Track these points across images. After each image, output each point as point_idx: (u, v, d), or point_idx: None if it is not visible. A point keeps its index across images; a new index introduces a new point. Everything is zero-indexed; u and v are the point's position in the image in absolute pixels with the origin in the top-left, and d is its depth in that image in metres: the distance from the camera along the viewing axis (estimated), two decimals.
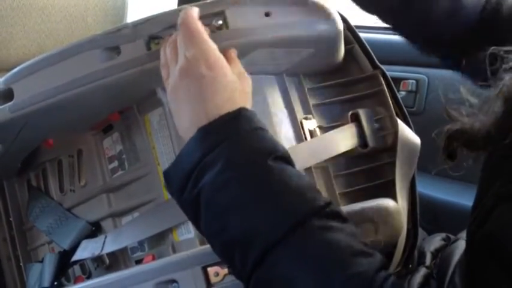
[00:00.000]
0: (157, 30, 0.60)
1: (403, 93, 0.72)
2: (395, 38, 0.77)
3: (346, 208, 0.62)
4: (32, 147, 0.75)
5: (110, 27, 0.62)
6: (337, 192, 0.68)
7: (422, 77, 1.19)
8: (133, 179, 0.69)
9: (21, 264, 0.84)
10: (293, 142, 0.67)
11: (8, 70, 0.69)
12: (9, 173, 0.82)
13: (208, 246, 0.59)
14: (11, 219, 0.85)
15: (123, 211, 0.70)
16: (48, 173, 0.79)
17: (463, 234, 0.74)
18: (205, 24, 0.60)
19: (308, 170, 0.66)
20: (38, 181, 0.82)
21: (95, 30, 0.61)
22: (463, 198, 1.06)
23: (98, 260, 0.71)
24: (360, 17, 0.67)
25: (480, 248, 0.49)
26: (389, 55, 0.79)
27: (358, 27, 0.73)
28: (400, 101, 0.72)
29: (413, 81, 1.20)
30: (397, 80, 0.73)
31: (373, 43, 0.73)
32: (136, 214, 0.69)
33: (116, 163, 0.71)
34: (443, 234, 0.78)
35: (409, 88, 1.20)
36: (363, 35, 0.73)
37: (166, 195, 0.65)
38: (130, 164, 0.69)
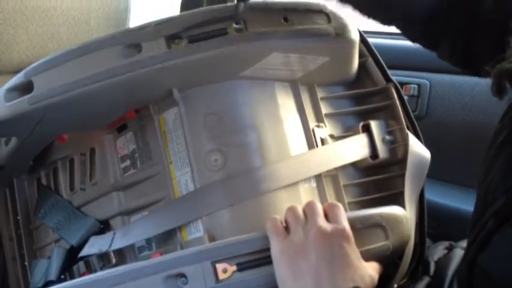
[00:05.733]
0: (178, 30, 0.62)
1: (405, 97, 0.74)
2: (397, 42, 0.79)
3: (354, 213, 0.62)
4: (46, 143, 0.76)
5: (113, 30, 0.64)
6: (346, 201, 0.68)
7: (424, 81, 1.21)
8: (145, 178, 0.69)
9: (26, 263, 0.84)
10: (304, 148, 0.68)
11: (11, 73, 0.71)
12: (21, 170, 0.83)
13: (218, 242, 0.60)
14: (18, 217, 0.85)
15: (132, 209, 0.70)
16: (59, 172, 0.80)
17: (462, 243, 0.74)
18: (225, 27, 0.63)
19: (318, 177, 0.67)
20: (48, 180, 0.82)
21: (97, 33, 0.63)
22: (467, 204, 1.06)
23: (104, 259, 0.71)
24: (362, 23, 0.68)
25: (480, 273, 0.51)
26: (391, 60, 0.81)
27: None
28: (411, 114, 0.73)
29: (415, 85, 1.21)
30: (400, 85, 0.74)
31: (376, 48, 0.75)
32: (145, 213, 0.69)
33: (128, 162, 0.71)
34: (447, 243, 0.79)
35: (411, 93, 1.21)
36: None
37: (177, 193, 0.66)
38: (142, 162, 0.70)
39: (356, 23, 0.69)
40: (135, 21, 1.18)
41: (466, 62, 0.64)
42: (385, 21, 0.65)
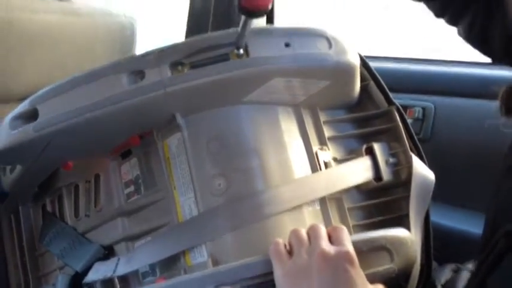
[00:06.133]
0: (181, 57, 0.63)
1: (409, 121, 0.74)
2: (401, 66, 0.79)
3: (359, 236, 0.62)
4: (51, 170, 0.76)
5: (118, 57, 0.65)
6: (351, 224, 0.68)
7: (429, 104, 1.21)
8: (149, 203, 0.70)
9: None
10: (308, 171, 0.68)
11: (18, 100, 0.72)
12: (26, 197, 0.83)
13: (222, 266, 0.60)
14: (23, 244, 0.85)
15: (136, 235, 0.70)
16: (64, 199, 0.80)
17: (469, 265, 0.73)
18: (226, 52, 0.64)
19: (322, 200, 0.67)
20: (53, 206, 0.82)
21: (103, 60, 0.64)
22: (472, 226, 1.05)
23: (108, 285, 0.71)
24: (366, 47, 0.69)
25: None
26: (395, 83, 0.81)
27: (365, 56, 0.75)
28: (415, 136, 0.74)
29: (420, 108, 1.21)
30: (404, 108, 0.75)
31: (379, 71, 0.75)
32: (149, 238, 0.69)
33: (132, 188, 0.72)
34: (453, 265, 0.78)
35: (416, 116, 1.21)
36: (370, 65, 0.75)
37: (181, 217, 0.66)
38: (146, 188, 0.70)
39: (357, 47, 0.70)
40: (140, 48, 1.20)
41: (482, 42, 0.62)
42: None
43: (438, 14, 0.64)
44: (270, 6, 0.59)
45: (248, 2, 0.57)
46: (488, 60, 0.66)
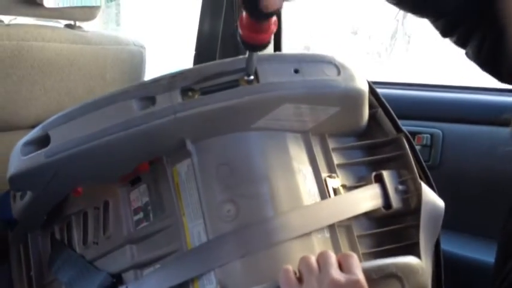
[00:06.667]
0: (191, 82, 0.64)
1: (418, 147, 0.74)
2: (409, 93, 0.80)
3: (369, 263, 0.62)
4: (61, 196, 0.76)
5: (128, 84, 0.65)
6: (360, 252, 0.67)
7: (437, 131, 1.21)
8: (158, 230, 0.69)
9: None
10: (317, 198, 0.68)
11: (29, 127, 0.72)
12: (35, 225, 0.83)
13: None
14: (31, 273, 0.85)
15: (145, 262, 0.70)
16: (73, 226, 0.80)
17: None
18: (236, 79, 0.64)
19: (332, 227, 0.67)
20: (62, 234, 0.82)
21: (113, 88, 0.64)
22: (483, 254, 1.04)
23: None
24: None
25: None
26: (403, 110, 0.81)
27: (373, 82, 0.75)
28: (424, 164, 0.73)
29: (428, 135, 1.21)
30: (412, 134, 0.75)
31: (387, 98, 0.76)
32: (158, 266, 0.69)
33: (141, 214, 0.72)
34: None
35: (424, 142, 1.21)
36: (378, 91, 0.75)
37: (190, 244, 0.65)
38: (155, 215, 0.70)
39: (365, 74, 0.70)
40: (149, 75, 1.21)
41: (491, 64, 0.62)
42: (415, 11, 0.63)
43: (446, 34, 0.64)
44: (270, 40, 0.61)
45: (249, 37, 0.59)
46: (495, 85, 0.66)
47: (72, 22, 1.12)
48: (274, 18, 0.59)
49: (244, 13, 0.58)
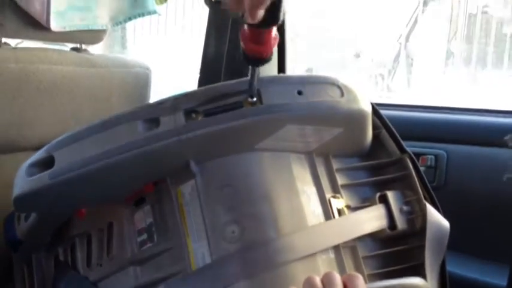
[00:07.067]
0: (195, 104, 0.64)
1: (422, 168, 0.74)
2: (413, 114, 0.80)
3: (375, 284, 0.61)
4: (66, 217, 0.76)
5: (133, 106, 0.66)
6: (366, 273, 0.67)
7: (441, 152, 1.21)
8: (162, 251, 0.69)
9: None
10: (321, 219, 0.67)
11: (34, 149, 0.73)
12: (39, 246, 0.83)
13: None
14: None
15: (149, 283, 0.69)
16: (77, 248, 0.80)
17: None
18: (240, 100, 0.65)
19: (336, 248, 0.66)
20: (65, 256, 0.82)
21: (118, 109, 0.65)
22: (489, 276, 1.03)
23: None
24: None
25: None
26: (407, 131, 0.82)
27: (377, 104, 0.76)
28: (428, 185, 0.73)
29: (432, 156, 1.22)
30: (416, 156, 0.75)
31: (391, 119, 0.76)
32: (162, 287, 0.68)
33: (145, 235, 0.71)
34: None
35: (428, 163, 1.21)
36: (382, 112, 0.76)
37: (194, 265, 0.65)
38: (159, 236, 0.70)
39: (368, 95, 0.71)
40: (155, 97, 1.22)
41: None
42: None
43: None
44: (271, 54, 0.62)
45: (251, 52, 0.60)
46: (498, 106, 0.67)
47: (78, 45, 1.13)
48: (275, 31, 0.60)
49: (245, 25, 0.59)
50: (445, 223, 0.71)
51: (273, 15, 0.57)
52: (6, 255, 0.88)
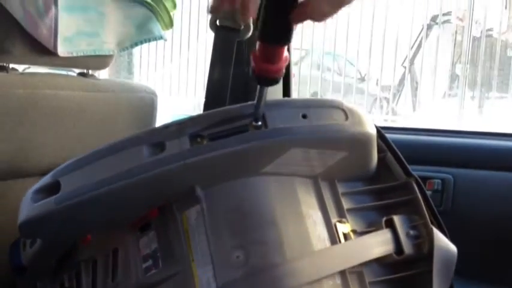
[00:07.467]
0: (200, 129, 0.64)
1: (429, 193, 0.73)
2: (419, 138, 0.80)
3: None
4: (71, 243, 0.76)
5: (140, 130, 0.66)
6: None
7: (448, 176, 1.21)
8: (167, 277, 0.69)
9: None
10: (327, 244, 0.67)
11: (40, 175, 0.73)
12: (44, 272, 0.83)
13: None
14: None
15: None
16: (82, 274, 0.80)
17: None
18: (245, 124, 0.65)
19: (343, 274, 0.66)
20: (70, 282, 0.82)
21: (124, 134, 0.65)
22: None
23: None
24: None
25: None
26: (414, 155, 0.81)
27: (383, 128, 0.76)
28: (435, 209, 0.73)
29: (439, 180, 1.21)
30: (423, 180, 0.74)
31: (398, 143, 0.76)
32: None
33: (150, 262, 0.71)
34: None
35: (435, 187, 1.21)
36: (387, 136, 0.76)
37: None
38: (164, 261, 0.69)
39: (373, 119, 0.71)
40: (160, 121, 1.22)
41: None
42: None
43: None
44: (280, 76, 0.62)
45: (261, 71, 0.60)
46: (504, 130, 0.67)
47: (85, 70, 1.14)
48: (286, 53, 0.60)
49: (257, 44, 0.59)
50: (453, 248, 0.71)
51: (286, 33, 0.57)
52: (12, 281, 0.87)
